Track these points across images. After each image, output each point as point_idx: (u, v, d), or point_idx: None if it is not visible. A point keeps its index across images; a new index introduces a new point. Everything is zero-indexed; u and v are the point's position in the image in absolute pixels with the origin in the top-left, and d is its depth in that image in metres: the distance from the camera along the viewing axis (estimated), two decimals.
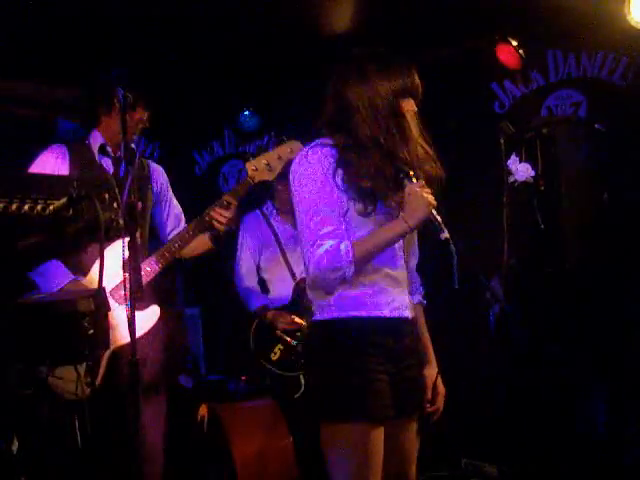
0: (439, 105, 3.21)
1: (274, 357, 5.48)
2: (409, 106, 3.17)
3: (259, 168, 4.39)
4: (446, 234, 3.01)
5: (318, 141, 3.21)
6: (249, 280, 5.79)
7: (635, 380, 4.79)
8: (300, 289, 5.46)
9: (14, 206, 1.93)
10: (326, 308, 3.19)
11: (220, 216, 4.30)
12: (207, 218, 4.31)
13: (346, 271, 3.05)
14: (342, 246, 3.05)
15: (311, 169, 3.13)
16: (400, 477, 3.27)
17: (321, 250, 3.05)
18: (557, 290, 4.97)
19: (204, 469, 5.09)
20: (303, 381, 5.34)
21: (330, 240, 3.07)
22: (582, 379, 4.94)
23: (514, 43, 5.86)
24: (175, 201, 4.77)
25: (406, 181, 3.08)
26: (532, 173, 4.87)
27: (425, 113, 3.22)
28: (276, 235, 5.82)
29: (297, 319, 5.40)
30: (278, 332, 5.46)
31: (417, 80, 3.21)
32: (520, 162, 4.87)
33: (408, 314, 3.26)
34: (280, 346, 5.48)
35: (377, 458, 3.08)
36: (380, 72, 3.16)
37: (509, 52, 5.93)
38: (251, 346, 5.61)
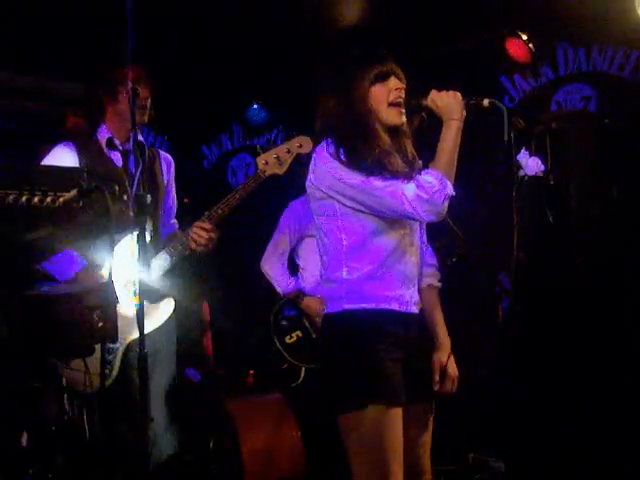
0: (453, 85, 3.27)
1: (289, 340, 5.46)
2: (390, 85, 3.28)
3: (269, 162, 4.41)
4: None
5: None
6: (281, 263, 5.68)
7: None
8: None
9: (24, 198, 1.93)
10: (336, 301, 3.25)
11: (198, 235, 4.30)
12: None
13: (446, 189, 3.11)
14: (423, 174, 3.15)
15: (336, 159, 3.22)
16: (414, 467, 3.29)
17: (410, 189, 3.11)
18: (566, 284, 4.96)
19: (212, 463, 5.10)
20: (303, 374, 5.35)
21: (408, 182, 3.14)
22: (591, 375, 4.93)
23: (524, 37, 5.83)
24: (174, 192, 4.77)
25: (422, 100, 3.24)
26: (542, 167, 4.86)
27: None
28: None
29: None
30: (305, 319, 5.45)
31: (393, 63, 3.32)
32: (530, 156, 4.86)
33: (416, 309, 3.32)
34: (299, 332, 5.46)
35: (397, 442, 3.11)
36: (354, 70, 3.30)
37: (519, 46, 5.91)
38: (271, 323, 5.57)
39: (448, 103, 3.19)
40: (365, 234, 3.22)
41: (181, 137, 7.94)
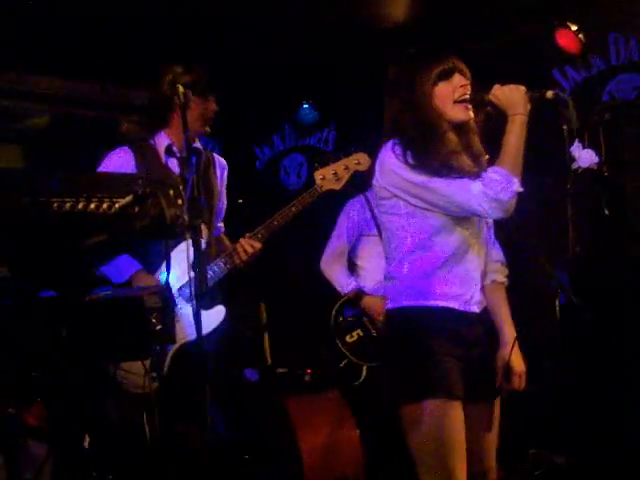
0: (513, 79, 3.26)
1: (350, 339, 5.46)
2: (455, 82, 3.27)
3: (327, 177, 4.50)
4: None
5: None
6: (340, 262, 5.67)
7: None
8: None
9: (80, 205, 1.97)
10: (396, 297, 3.28)
11: (244, 252, 4.34)
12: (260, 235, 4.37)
13: (512, 186, 3.10)
14: (489, 172, 3.14)
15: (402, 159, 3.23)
16: (478, 466, 3.28)
17: (477, 187, 3.12)
18: (623, 278, 4.90)
19: (271, 461, 5.12)
20: (364, 372, 5.35)
21: (475, 180, 3.15)
22: None
23: (574, 28, 5.77)
24: (225, 196, 4.81)
25: (485, 95, 3.24)
26: (596, 159, 4.80)
27: None
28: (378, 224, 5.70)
29: None
30: (365, 318, 5.46)
31: (456, 60, 3.31)
32: (583, 148, 4.81)
33: (477, 309, 3.31)
34: (360, 331, 5.47)
35: (457, 436, 3.12)
36: (418, 69, 3.30)
37: (569, 37, 5.85)
38: (331, 323, 5.57)
39: (511, 97, 3.17)
40: (430, 232, 3.23)
41: (233, 139, 7.97)
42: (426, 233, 3.24)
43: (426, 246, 3.24)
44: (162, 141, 4.39)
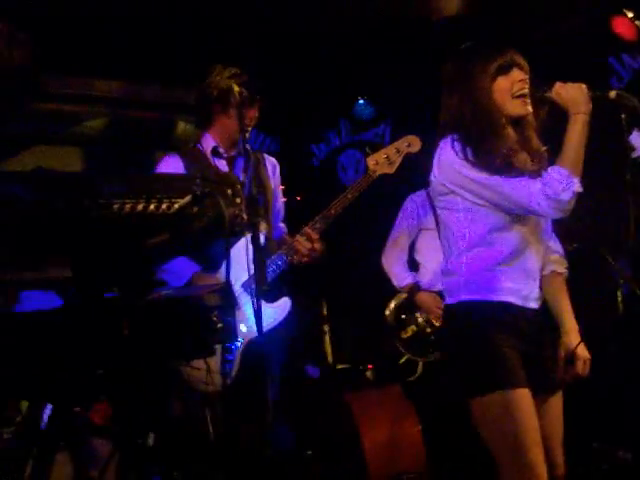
0: (573, 76, 3.23)
1: (404, 335, 5.45)
2: (514, 76, 3.25)
3: (380, 162, 4.49)
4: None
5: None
6: (400, 257, 5.63)
7: None
8: None
9: (140, 206, 1.99)
10: (455, 292, 3.29)
11: (302, 246, 4.34)
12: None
13: (573, 186, 3.08)
14: (549, 171, 3.12)
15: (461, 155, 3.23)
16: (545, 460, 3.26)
17: (537, 187, 3.11)
18: None
19: (334, 458, 5.13)
20: (420, 368, 5.33)
21: (535, 179, 3.14)
22: None
23: (630, 15, 5.70)
24: (281, 195, 4.82)
25: (547, 92, 3.22)
26: None
27: None
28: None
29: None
30: (419, 314, 5.44)
31: (514, 54, 3.28)
32: None
33: (535, 305, 3.30)
34: (414, 327, 5.45)
35: (532, 421, 3.11)
36: (476, 63, 3.28)
37: (625, 24, 5.78)
38: (387, 318, 5.56)
39: (573, 96, 3.14)
40: (488, 228, 3.23)
41: (289, 136, 7.99)
42: (485, 229, 3.23)
43: (486, 242, 3.23)
44: (208, 143, 4.44)
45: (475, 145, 3.18)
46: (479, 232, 3.24)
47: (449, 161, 3.22)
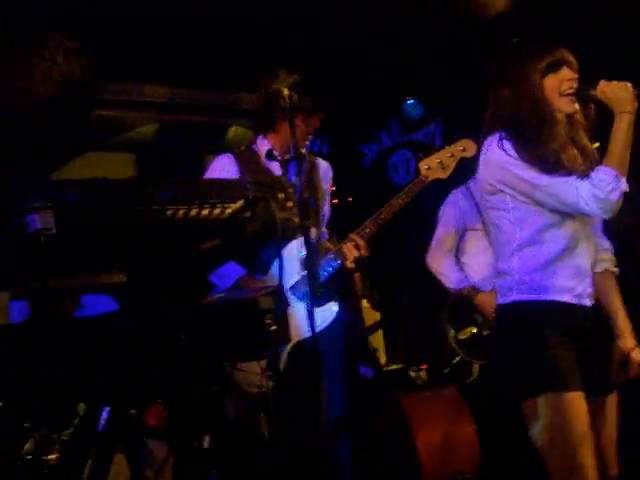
0: (618, 74, 3.20)
1: (462, 337, 5.39)
2: (563, 75, 3.24)
3: (432, 167, 4.46)
4: None
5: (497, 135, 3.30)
6: (448, 258, 5.49)
7: None
8: None
9: (193, 211, 2.02)
10: (507, 292, 3.28)
11: (349, 251, 4.34)
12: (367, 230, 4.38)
13: (620, 186, 3.08)
14: (597, 171, 3.11)
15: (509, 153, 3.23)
16: (598, 461, 3.23)
17: (584, 187, 3.11)
18: None
19: (388, 458, 5.13)
20: (476, 370, 5.29)
21: (583, 179, 3.13)
22: None
23: None
24: (329, 200, 4.83)
25: (591, 90, 3.20)
26: None
27: None
28: (483, 217, 5.52)
29: None
30: (477, 316, 5.38)
31: (564, 52, 3.27)
32: None
33: (589, 303, 3.27)
34: (472, 329, 5.39)
35: (584, 425, 3.10)
36: (526, 60, 3.28)
37: None
38: (443, 320, 5.50)
39: (618, 94, 3.11)
40: (538, 227, 3.21)
41: (340, 137, 8.01)
42: (535, 227, 3.22)
43: (536, 240, 3.22)
44: (263, 146, 4.46)
45: (525, 142, 3.17)
46: (529, 231, 3.23)
47: (497, 159, 3.21)
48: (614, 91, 3.12)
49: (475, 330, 5.37)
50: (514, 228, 3.26)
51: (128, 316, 2.17)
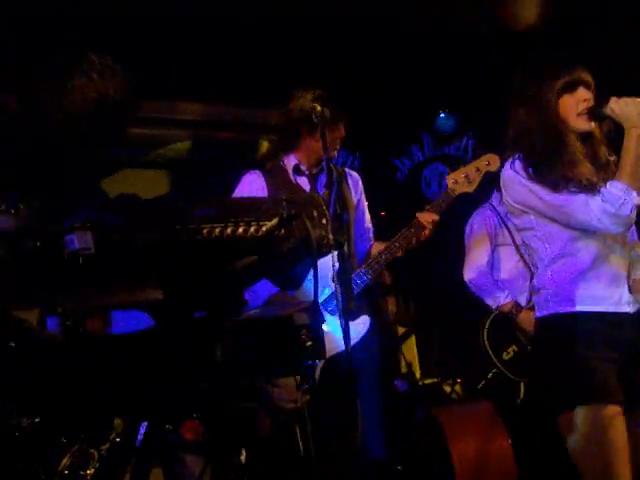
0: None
1: (506, 356, 5.35)
2: (579, 95, 3.28)
3: (459, 181, 4.50)
4: None
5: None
6: (485, 274, 5.49)
7: None
8: None
9: (229, 230, 2.04)
10: (544, 306, 3.29)
11: (428, 217, 4.37)
12: (419, 221, 4.39)
13: (632, 200, 3.10)
14: (608, 187, 3.14)
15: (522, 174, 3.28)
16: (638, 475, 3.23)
17: (596, 204, 3.13)
18: None
19: (423, 472, 5.12)
20: (523, 389, 5.26)
21: (594, 195, 3.16)
22: None
23: None
24: (367, 210, 4.84)
25: (603, 107, 3.23)
26: None
27: None
28: (511, 232, 5.45)
29: None
30: (519, 333, 5.34)
31: (581, 71, 3.31)
32: None
33: (629, 309, 3.26)
34: (515, 347, 5.36)
35: (620, 442, 3.08)
36: (542, 80, 3.33)
37: None
38: (484, 340, 5.48)
39: (627, 110, 3.14)
40: (566, 240, 3.23)
41: (372, 152, 8.02)
42: (563, 240, 3.24)
43: (568, 252, 3.23)
44: (290, 162, 4.50)
45: (535, 160, 3.20)
46: (558, 245, 3.24)
47: (511, 181, 3.25)
48: (623, 107, 3.14)
49: (517, 348, 5.33)
50: (543, 244, 3.28)
51: (165, 333, 2.19)
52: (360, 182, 4.80)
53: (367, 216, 4.81)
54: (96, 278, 1.97)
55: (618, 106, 3.16)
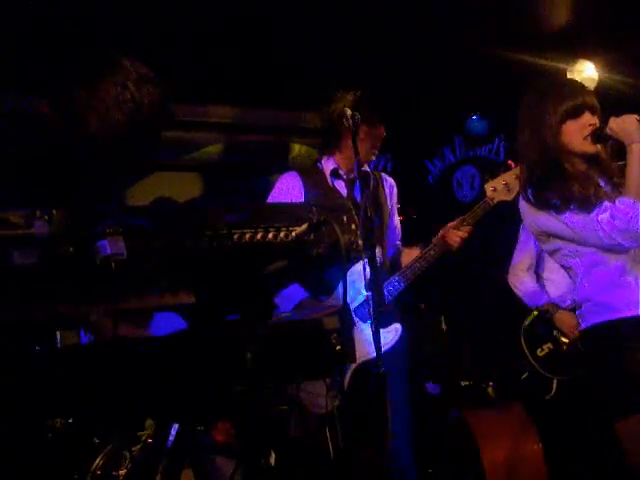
0: None
1: (540, 353, 5.36)
2: (584, 121, 3.31)
3: (498, 189, 4.46)
4: None
5: None
6: (529, 274, 5.55)
7: None
8: None
9: (259, 235, 2.06)
10: (587, 317, 3.33)
11: (454, 237, 4.37)
12: (446, 240, 4.40)
13: (639, 211, 3.11)
14: (617, 204, 3.17)
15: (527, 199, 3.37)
16: None
17: (605, 221, 3.15)
18: None
19: (454, 475, 5.12)
20: (555, 386, 5.26)
21: (602, 212, 3.18)
22: None
23: None
24: (397, 214, 4.84)
25: (603, 129, 3.27)
26: None
27: None
28: None
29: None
30: (556, 332, 5.34)
31: (586, 96, 3.35)
32: None
33: None
34: (550, 345, 5.36)
35: None
36: (546, 104, 3.38)
37: None
38: (521, 337, 5.51)
39: (625, 127, 3.17)
40: (593, 251, 3.23)
41: (404, 154, 8.02)
42: (590, 255, 3.24)
43: (598, 262, 3.24)
44: (329, 165, 4.50)
45: (535, 185, 3.22)
46: (588, 257, 3.26)
47: (527, 210, 3.29)
48: (620, 125, 3.18)
49: (552, 346, 5.34)
50: (575, 259, 3.31)
51: (197, 336, 2.21)
52: (395, 188, 4.80)
53: (396, 220, 4.81)
54: (128, 282, 1.99)
55: (617, 125, 3.20)
